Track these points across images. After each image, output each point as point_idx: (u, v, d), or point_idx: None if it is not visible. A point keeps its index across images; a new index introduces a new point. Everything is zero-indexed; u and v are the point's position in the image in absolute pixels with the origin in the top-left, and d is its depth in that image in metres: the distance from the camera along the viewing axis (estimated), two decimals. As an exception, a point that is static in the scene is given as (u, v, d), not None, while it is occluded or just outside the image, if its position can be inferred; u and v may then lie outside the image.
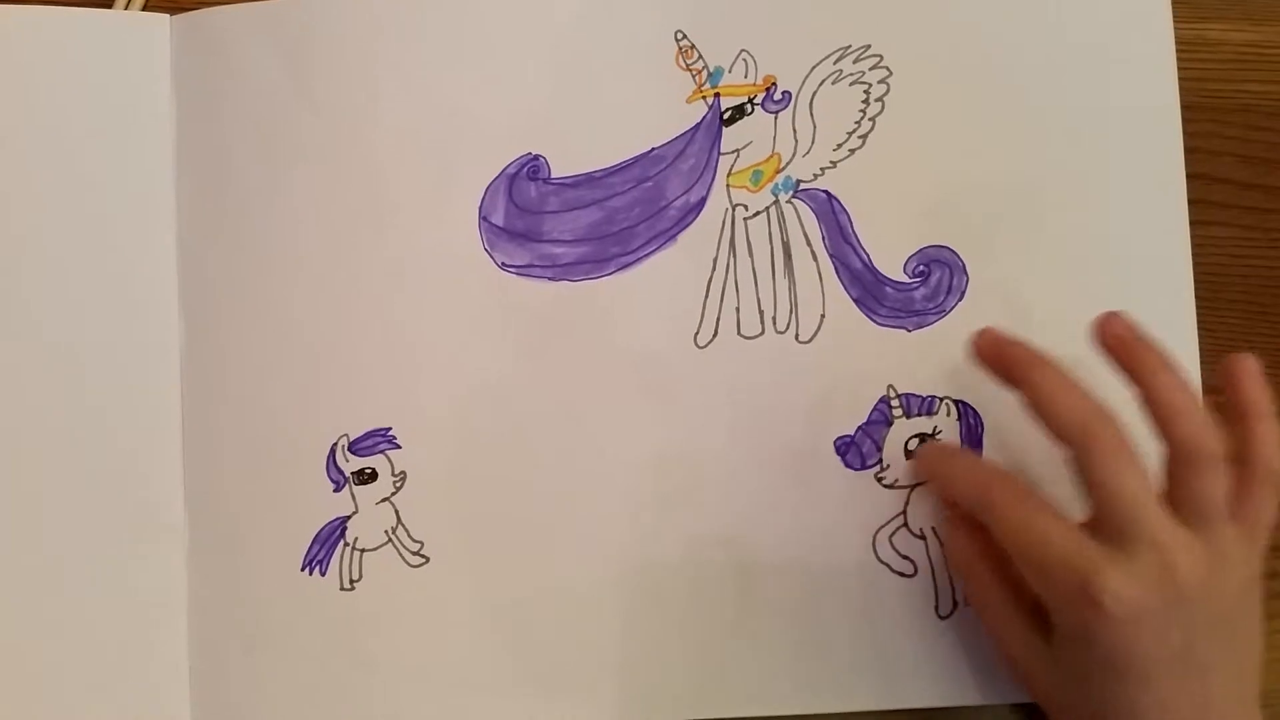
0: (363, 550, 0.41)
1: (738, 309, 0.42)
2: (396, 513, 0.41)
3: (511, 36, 0.43)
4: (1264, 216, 0.43)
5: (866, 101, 0.42)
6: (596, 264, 0.42)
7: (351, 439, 0.42)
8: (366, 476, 0.42)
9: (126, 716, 0.41)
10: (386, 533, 0.41)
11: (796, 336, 0.41)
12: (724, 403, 0.41)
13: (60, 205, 0.42)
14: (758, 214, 0.42)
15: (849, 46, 0.42)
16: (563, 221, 0.42)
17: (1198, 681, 0.33)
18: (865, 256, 0.41)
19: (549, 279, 0.42)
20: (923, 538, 0.41)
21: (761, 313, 0.42)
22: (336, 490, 0.42)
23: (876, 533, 0.41)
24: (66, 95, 0.43)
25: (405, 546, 0.41)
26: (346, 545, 0.41)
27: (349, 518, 0.42)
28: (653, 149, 0.42)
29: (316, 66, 0.43)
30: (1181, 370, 0.35)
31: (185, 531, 0.42)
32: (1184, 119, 0.42)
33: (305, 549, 0.41)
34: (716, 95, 0.42)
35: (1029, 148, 0.41)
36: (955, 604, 0.40)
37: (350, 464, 0.42)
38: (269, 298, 0.42)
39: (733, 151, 0.42)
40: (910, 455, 0.41)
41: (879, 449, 0.41)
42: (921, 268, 0.41)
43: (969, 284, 0.41)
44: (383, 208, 0.42)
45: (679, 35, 0.42)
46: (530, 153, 0.42)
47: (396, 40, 0.43)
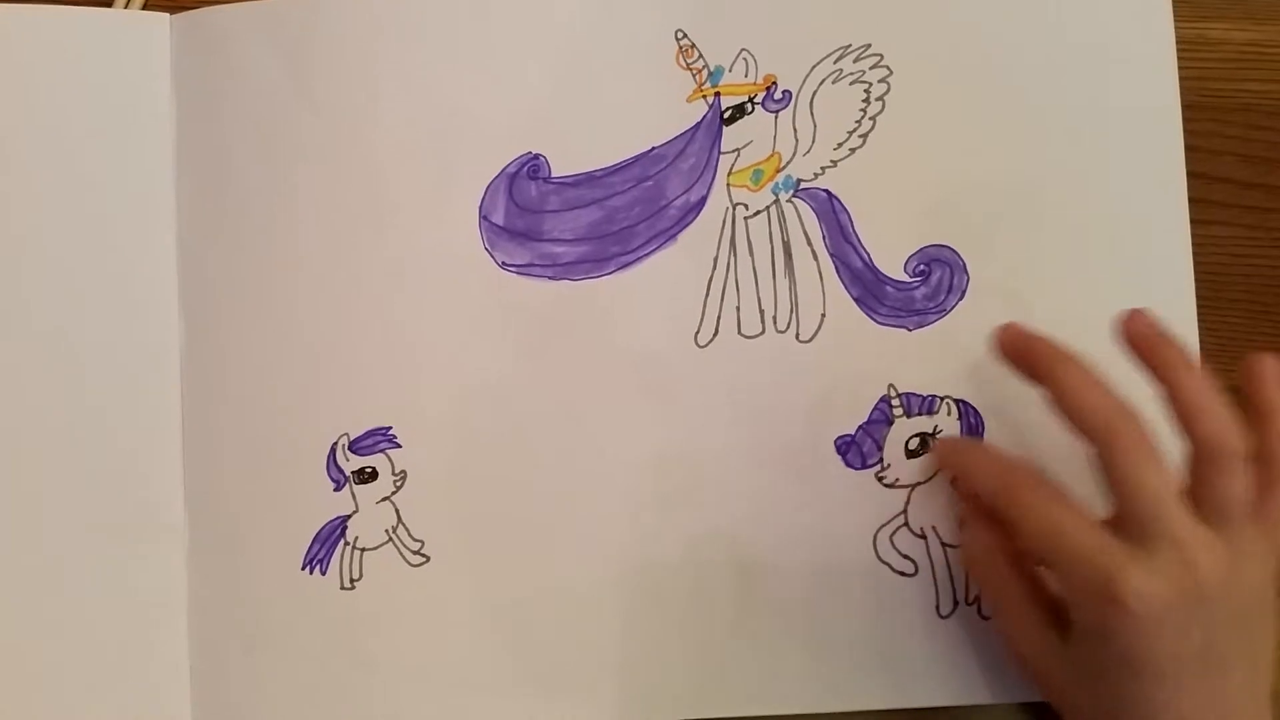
0: (363, 549, 0.41)
1: (738, 308, 0.42)
2: (397, 512, 0.41)
3: (512, 36, 0.43)
4: (1265, 216, 0.43)
5: (867, 101, 0.42)
6: (597, 263, 0.42)
7: (352, 438, 0.42)
8: (367, 475, 0.42)
9: (127, 716, 0.41)
10: (387, 532, 0.41)
11: (797, 336, 0.41)
12: (724, 402, 0.41)
13: (60, 205, 0.42)
14: (758, 213, 0.42)
15: (849, 46, 0.42)
16: (563, 221, 0.42)
17: (1215, 680, 0.33)
18: (866, 256, 0.41)
19: (549, 278, 0.42)
20: (923, 537, 0.41)
21: (762, 312, 0.42)
22: (337, 489, 0.42)
23: (877, 532, 0.41)
24: (66, 95, 0.43)
25: (406, 546, 0.41)
26: (347, 544, 0.41)
27: (349, 517, 0.42)
28: (653, 148, 0.42)
29: (317, 66, 0.43)
30: (1204, 368, 0.35)
31: (185, 531, 0.42)
32: (1185, 118, 0.41)
33: (306, 548, 0.41)
34: (717, 94, 0.42)
35: (1030, 147, 0.41)
36: (956, 603, 0.40)
37: (351, 463, 0.42)
38: (269, 297, 0.42)
39: (733, 151, 0.42)
40: (911, 455, 0.41)
41: (880, 448, 0.41)
42: (922, 267, 0.41)
43: (970, 283, 0.41)
44: (383, 207, 0.42)
45: (679, 34, 0.42)
46: (530, 152, 0.42)
47: (397, 39, 0.43)
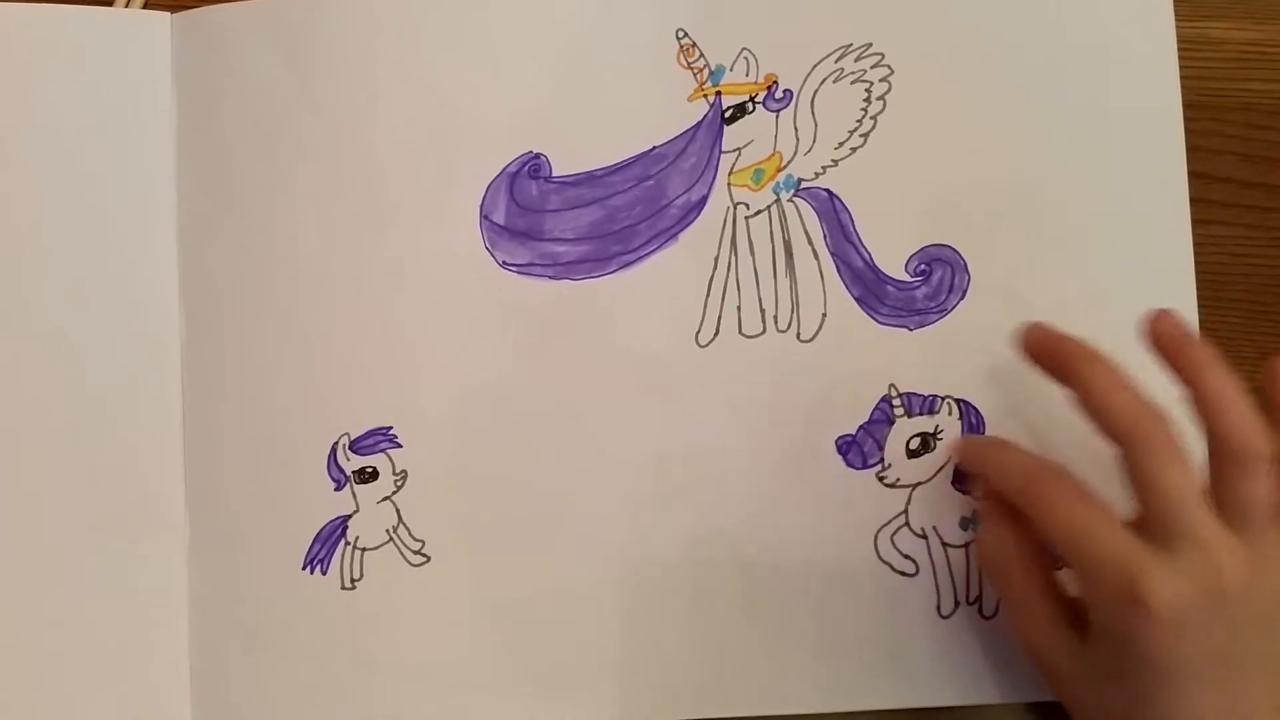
0: (364, 549, 0.41)
1: (739, 308, 0.42)
2: (398, 512, 0.41)
3: (512, 35, 0.42)
4: (1265, 215, 0.43)
5: (868, 100, 0.42)
6: (598, 263, 0.42)
7: (353, 438, 0.42)
8: (368, 475, 0.42)
9: (127, 715, 0.41)
10: (388, 532, 0.41)
11: (798, 335, 0.41)
12: (725, 402, 0.41)
13: (61, 204, 0.42)
14: (759, 213, 0.42)
15: (850, 45, 0.42)
16: (564, 220, 0.42)
17: (1234, 684, 0.33)
18: (867, 255, 0.41)
19: (550, 278, 0.42)
20: (924, 537, 0.41)
21: (763, 311, 0.41)
22: (338, 489, 0.42)
23: (878, 532, 0.41)
24: (67, 93, 0.43)
25: (406, 546, 0.41)
26: (347, 544, 0.41)
27: (350, 517, 0.41)
28: (654, 147, 0.42)
29: (317, 64, 0.43)
30: (1231, 370, 0.35)
31: (186, 530, 0.42)
32: (1185, 118, 0.41)
33: (306, 548, 0.41)
34: (718, 94, 0.42)
35: (1031, 146, 0.41)
36: (957, 603, 0.40)
37: (351, 463, 0.42)
38: (270, 296, 0.42)
39: (734, 150, 0.42)
40: (912, 455, 0.41)
41: (880, 448, 0.41)
42: (923, 266, 0.41)
43: (971, 283, 0.41)
44: (383, 206, 0.42)
45: (680, 33, 0.42)
46: (531, 151, 0.42)
47: (397, 38, 0.42)
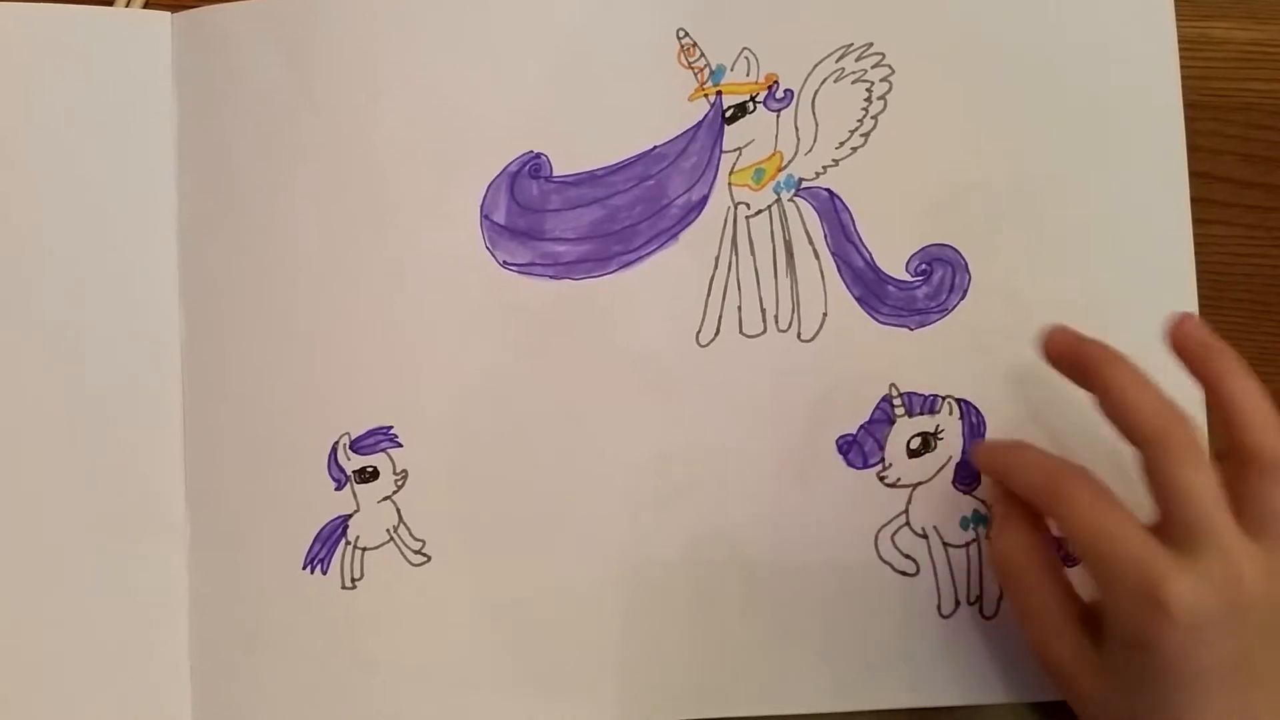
0: (364, 549, 0.41)
1: (739, 307, 0.42)
2: (398, 511, 0.41)
3: (513, 34, 0.42)
4: (1266, 215, 0.43)
5: (869, 99, 0.42)
6: (599, 262, 0.42)
7: (353, 437, 0.42)
8: (368, 475, 0.42)
9: (127, 715, 0.41)
10: (388, 531, 0.41)
11: (798, 335, 0.41)
12: (725, 402, 0.41)
13: (61, 204, 0.42)
14: (760, 212, 0.42)
15: (851, 45, 0.42)
16: (565, 220, 0.42)
17: (1249, 693, 0.33)
18: (867, 255, 0.41)
19: (551, 277, 0.42)
20: (925, 537, 0.40)
21: (763, 311, 0.41)
22: (338, 489, 0.42)
23: (878, 532, 0.41)
24: (68, 93, 0.43)
25: (407, 545, 0.41)
26: (348, 544, 0.41)
27: (350, 516, 0.41)
28: (654, 147, 0.42)
29: (318, 64, 0.43)
30: (1256, 377, 0.34)
31: (186, 530, 0.42)
32: (1186, 117, 0.41)
33: (307, 547, 0.41)
34: (718, 93, 0.42)
35: (1031, 146, 0.41)
36: (958, 603, 0.40)
37: (352, 462, 0.42)
38: (270, 296, 0.42)
39: (735, 150, 0.42)
40: (913, 454, 0.41)
41: (881, 448, 0.41)
42: (924, 266, 0.41)
43: (971, 282, 0.41)
44: (384, 206, 0.42)
45: (681, 33, 0.42)
46: (532, 151, 0.42)
47: (398, 38, 0.42)
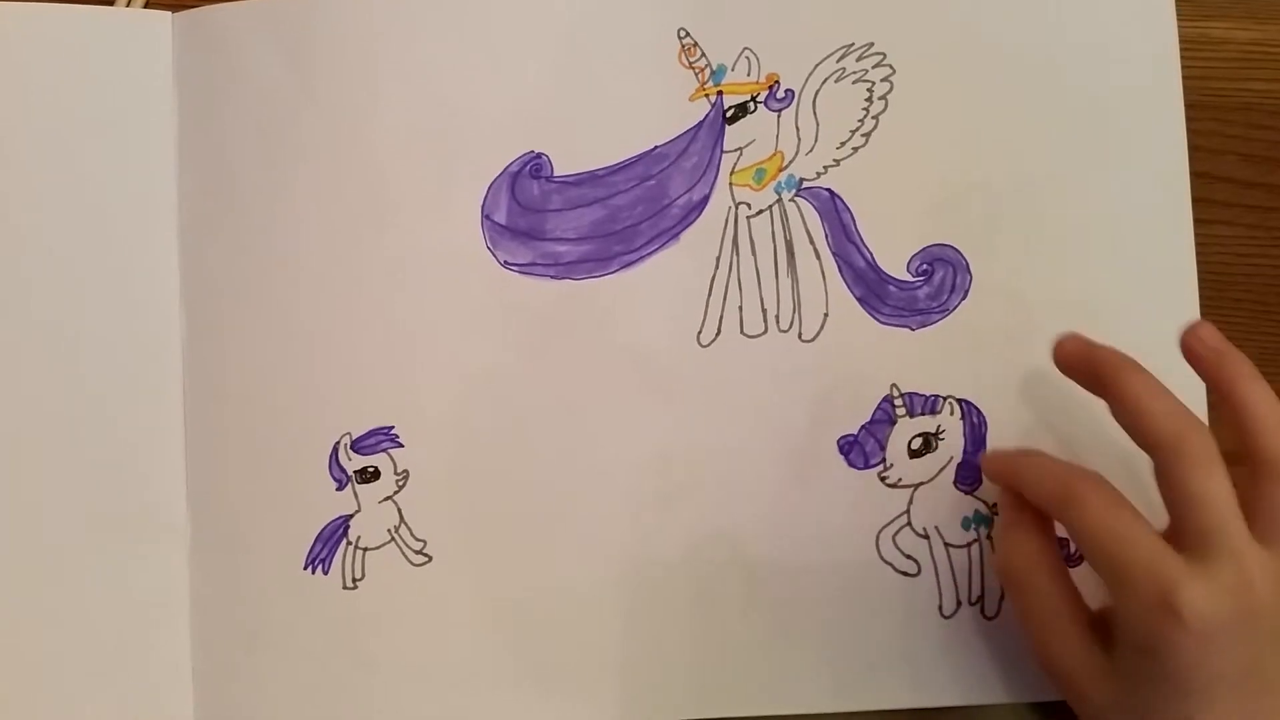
0: (365, 549, 0.41)
1: (740, 307, 0.42)
2: (399, 511, 0.41)
3: (514, 34, 0.42)
4: (1266, 215, 0.43)
5: (870, 99, 0.42)
6: (599, 262, 0.42)
7: (354, 437, 0.42)
8: (369, 475, 0.42)
9: (128, 715, 0.41)
10: (389, 531, 0.41)
11: (799, 335, 0.41)
12: (726, 402, 0.41)
13: (62, 203, 0.42)
14: (760, 212, 0.42)
15: (852, 45, 0.42)
16: (565, 220, 0.42)
17: (1259, 701, 0.33)
18: (868, 255, 0.41)
19: (552, 277, 0.42)
20: (926, 537, 0.40)
21: (764, 311, 0.41)
22: (339, 489, 0.42)
23: (880, 532, 0.41)
24: (68, 93, 0.43)
25: (408, 545, 0.41)
26: (349, 544, 0.41)
27: (351, 516, 0.41)
28: (655, 147, 0.42)
29: (318, 64, 0.43)
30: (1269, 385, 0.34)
31: (187, 530, 0.42)
32: (1187, 117, 0.41)
33: (308, 548, 0.41)
34: (719, 93, 0.42)
35: (1032, 146, 0.41)
36: (959, 603, 0.40)
37: (353, 462, 0.42)
38: (271, 296, 0.42)
39: (735, 150, 0.42)
40: (914, 455, 0.41)
41: (882, 448, 0.41)
42: (925, 266, 0.41)
43: (972, 283, 0.41)
44: (385, 206, 0.42)
45: (681, 33, 0.42)
46: (533, 150, 0.42)
47: (398, 38, 0.42)
